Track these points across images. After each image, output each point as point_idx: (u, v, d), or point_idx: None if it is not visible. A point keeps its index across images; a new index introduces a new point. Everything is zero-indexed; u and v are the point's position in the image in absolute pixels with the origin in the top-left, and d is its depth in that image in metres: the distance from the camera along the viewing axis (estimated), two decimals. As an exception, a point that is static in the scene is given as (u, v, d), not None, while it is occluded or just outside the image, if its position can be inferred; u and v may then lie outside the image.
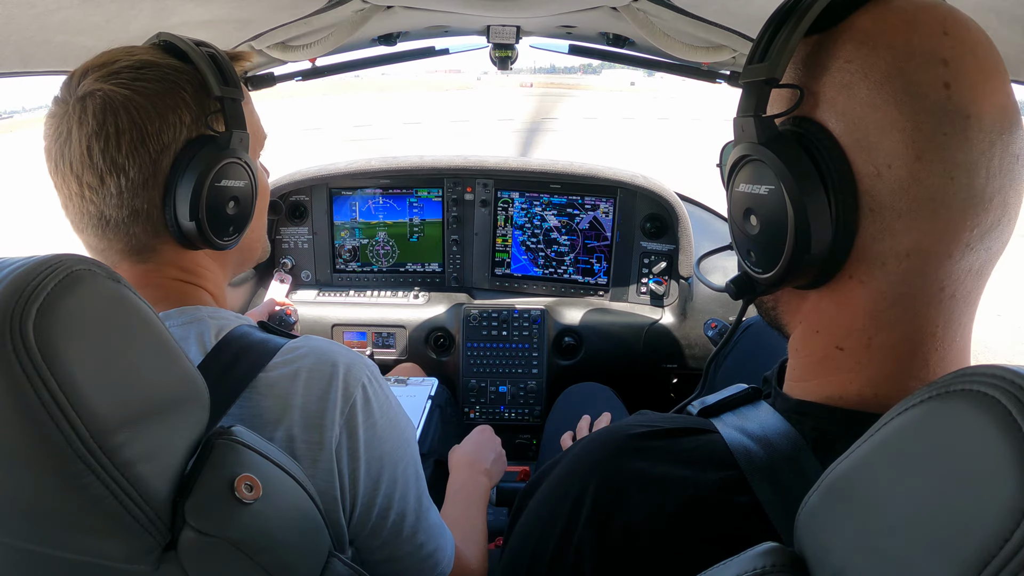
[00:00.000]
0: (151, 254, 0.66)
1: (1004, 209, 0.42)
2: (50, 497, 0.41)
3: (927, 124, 0.40)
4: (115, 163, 0.60)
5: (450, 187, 1.85)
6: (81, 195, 0.62)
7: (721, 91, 1.58)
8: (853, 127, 0.42)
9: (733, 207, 0.51)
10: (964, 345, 0.46)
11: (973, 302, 0.45)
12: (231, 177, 0.67)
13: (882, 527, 0.31)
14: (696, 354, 1.76)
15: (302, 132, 15.27)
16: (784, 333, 0.54)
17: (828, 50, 0.44)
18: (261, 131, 0.78)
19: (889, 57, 0.41)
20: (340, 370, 0.63)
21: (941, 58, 0.40)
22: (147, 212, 0.63)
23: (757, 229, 0.47)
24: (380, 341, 1.84)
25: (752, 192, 0.47)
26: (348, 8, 1.17)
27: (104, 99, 0.59)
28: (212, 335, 0.63)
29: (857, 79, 0.42)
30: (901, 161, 0.40)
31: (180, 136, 0.63)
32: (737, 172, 0.49)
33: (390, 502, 0.67)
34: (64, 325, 0.40)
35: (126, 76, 0.61)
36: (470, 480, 1.07)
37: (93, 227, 0.63)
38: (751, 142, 0.46)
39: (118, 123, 0.59)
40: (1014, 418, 0.26)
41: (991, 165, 0.40)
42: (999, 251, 0.44)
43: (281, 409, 0.60)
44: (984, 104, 0.40)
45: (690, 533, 0.47)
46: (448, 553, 0.76)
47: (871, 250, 0.43)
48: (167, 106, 0.62)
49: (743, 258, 0.51)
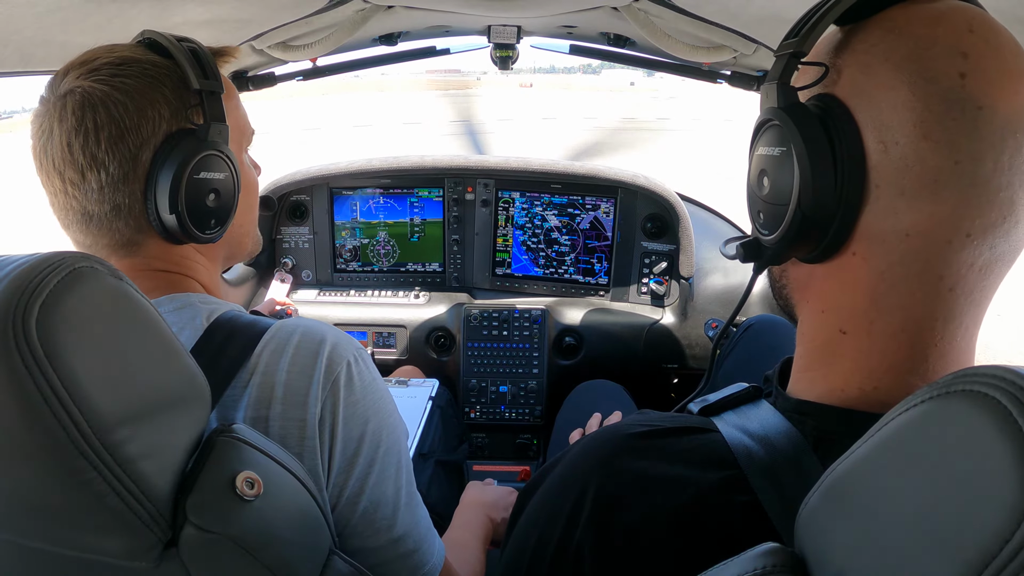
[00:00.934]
0: (136, 248, 0.66)
1: (1011, 208, 0.42)
2: (52, 494, 0.41)
3: (937, 107, 0.41)
4: (95, 158, 0.60)
5: (451, 187, 1.85)
6: (64, 191, 0.62)
7: (714, 91, 1.58)
8: (868, 104, 0.44)
9: (751, 170, 0.52)
10: (967, 347, 0.46)
11: (977, 303, 0.45)
12: (210, 169, 0.67)
13: (882, 528, 0.31)
14: (697, 354, 1.76)
15: (302, 131, 15.28)
16: (793, 315, 0.55)
17: (858, 36, 0.46)
18: (248, 126, 0.78)
19: (912, 43, 0.43)
20: (326, 347, 0.63)
21: (961, 51, 0.41)
22: (129, 207, 0.63)
23: (767, 190, 0.49)
24: (380, 341, 1.84)
25: (768, 154, 0.49)
26: (349, 8, 1.17)
27: (83, 96, 0.60)
28: (203, 319, 0.63)
29: (878, 61, 0.44)
30: (907, 139, 0.42)
31: (159, 130, 0.63)
32: (759, 137, 0.51)
33: (362, 487, 0.65)
34: (67, 322, 0.40)
35: (105, 72, 0.61)
36: (476, 518, 1.05)
37: (77, 223, 0.64)
38: (772, 107, 0.48)
39: (96, 119, 0.60)
40: (1014, 418, 0.26)
41: (1000, 159, 0.41)
42: (1008, 254, 0.44)
43: (270, 387, 0.60)
44: (1000, 99, 0.40)
45: (690, 533, 0.47)
46: (434, 560, 0.72)
47: (874, 227, 0.44)
48: (146, 101, 0.62)
49: (753, 221, 0.53)
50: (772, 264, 0.54)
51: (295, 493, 0.54)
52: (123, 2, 0.85)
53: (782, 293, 0.56)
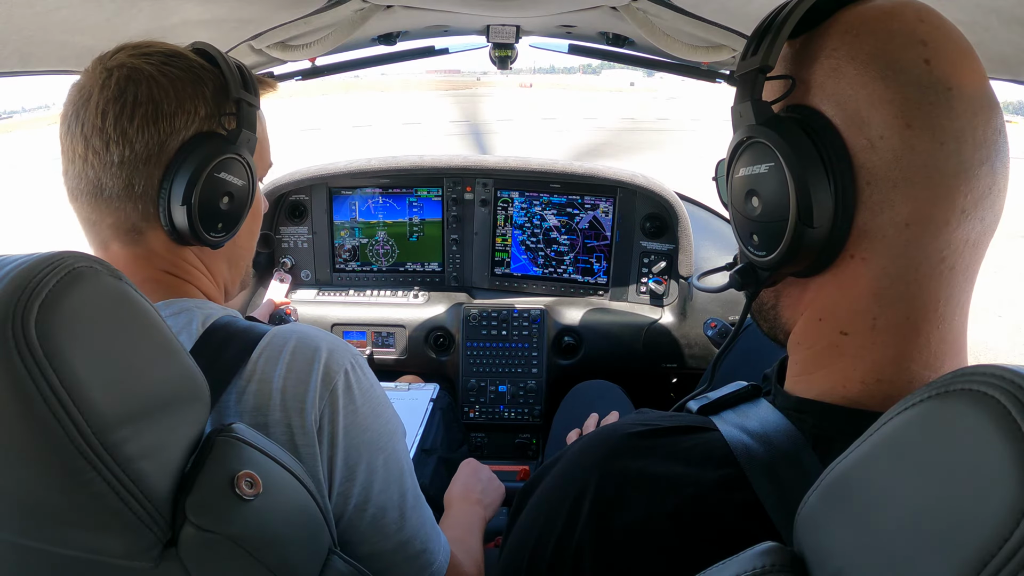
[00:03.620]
0: (139, 237, 0.66)
1: (993, 179, 0.43)
2: (51, 493, 0.41)
3: (913, 95, 0.42)
4: (124, 133, 0.61)
5: (450, 186, 1.85)
6: (84, 158, 0.62)
7: (714, 92, 1.58)
8: (844, 106, 0.44)
9: (734, 195, 0.52)
10: (962, 326, 0.46)
11: (971, 277, 0.46)
12: (231, 172, 0.67)
13: (882, 527, 0.31)
14: (696, 354, 1.76)
15: (301, 131, 15.26)
16: (782, 337, 0.54)
17: (815, 43, 0.47)
18: (268, 157, 0.80)
19: (872, 40, 0.44)
20: (322, 354, 0.63)
21: (920, 39, 0.43)
22: (143, 189, 0.63)
23: (759, 209, 0.49)
24: (380, 341, 1.84)
25: (753, 173, 0.49)
26: (348, 8, 1.17)
27: (131, 71, 0.62)
28: (199, 323, 0.63)
29: (844, 63, 0.45)
30: (892, 131, 0.42)
31: (192, 125, 0.64)
32: (737, 159, 0.51)
33: (368, 494, 0.65)
34: (66, 322, 0.40)
35: (156, 59, 0.64)
36: (460, 510, 1.05)
37: (88, 194, 0.64)
38: (749, 124, 0.48)
39: (138, 94, 0.62)
40: (1014, 418, 0.26)
41: (976, 135, 0.42)
42: (992, 224, 0.45)
43: (266, 394, 0.60)
44: (964, 79, 0.43)
45: (690, 532, 0.47)
46: (441, 558, 0.74)
47: (871, 224, 0.44)
48: (187, 94, 0.64)
49: (745, 245, 0.52)
50: (768, 287, 0.53)
51: (295, 493, 0.54)
52: (123, 2, 0.85)
53: (770, 316, 0.55)
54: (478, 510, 1.06)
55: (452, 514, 1.05)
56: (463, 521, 1.02)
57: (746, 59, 0.49)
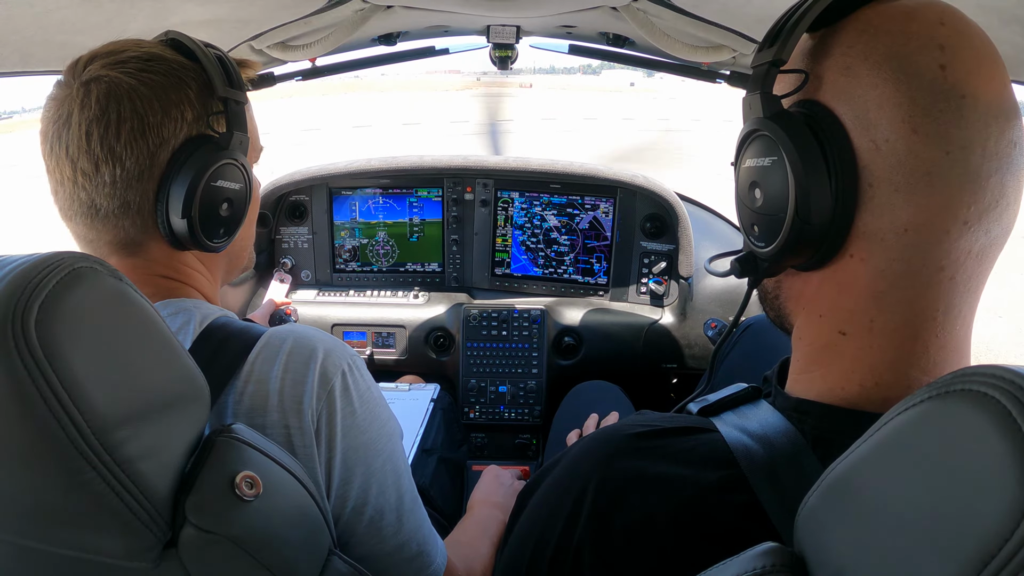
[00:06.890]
0: (138, 249, 0.65)
1: (1002, 192, 0.42)
2: (51, 494, 0.41)
3: (923, 100, 0.41)
4: (112, 151, 0.59)
5: (450, 187, 1.85)
6: (74, 180, 0.61)
7: (714, 91, 1.58)
8: (853, 105, 0.44)
9: (740, 184, 0.52)
10: (964, 335, 0.46)
11: (974, 289, 0.45)
12: (227, 178, 0.66)
13: (882, 527, 0.31)
14: (696, 354, 1.76)
15: (301, 132, 15.26)
16: (787, 326, 0.55)
17: (832, 39, 0.46)
18: (258, 141, 0.77)
19: (888, 41, 0.43)
20: (319, 355, 0.62)
21: (938, 43, 0.42)
22: (139, 205, 0.62)
23: (760, 201, 0.49)
24: (380, 341, 1.84)
25: (757, 165, 0.49)
26: (348, 8, 1.17)
27: (110, 85, 0.59)
28: (196, 324, 0.63)
29: (857, 61, 0.44)
30: (898, 135, 0.42)
31: (180, 132, 0.62)
32: (745, 149, 0.51)
33: (366, 496, 0.65)
34: (66, 322, 0.40)
35: (133, 66, 0.61)
36: (481, 512, 1.08)
37: (82, 215, 0.63)
38: (757, 117, 0.48)
39: (120, 111, 0.59)
40: (1014, 418, 0.26)
41: (987, 145, 0.41)
42: (1000, 238, 0.44)
43: (263, 395, 0.60)
44: (980, 87, 0.41)
45: (690, 532, 0.47)
46: (438, 561, 0.74)
47: (871, 226, 0.44)
48: (171, 101, 0.62)
49: (747, 235, 0.52)
50: (768, 277, 0.54)
51: (294, 493, 0.54)
52: (123, 2, 0.85)
53: (775, 304, 0.55)
54: (497, 513, 1.08)
55: (472, 516, 1.08)
56: (481, 522, 1.04)
57: (762, 51, 0.48)
